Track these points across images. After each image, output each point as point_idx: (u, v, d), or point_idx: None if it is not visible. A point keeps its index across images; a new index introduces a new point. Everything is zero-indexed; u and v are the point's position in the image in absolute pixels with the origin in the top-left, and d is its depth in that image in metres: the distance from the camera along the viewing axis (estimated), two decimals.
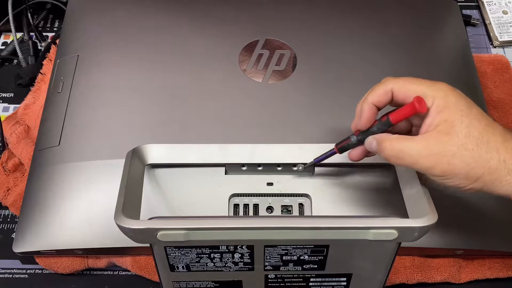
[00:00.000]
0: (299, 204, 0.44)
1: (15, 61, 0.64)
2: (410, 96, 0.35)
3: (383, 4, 0.57)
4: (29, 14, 0.66)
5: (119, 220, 0.33)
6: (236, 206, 0.44)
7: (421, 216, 0.34)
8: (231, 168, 0.45)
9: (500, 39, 0.66)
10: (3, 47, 0.65)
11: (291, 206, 0.44)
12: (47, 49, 0.63)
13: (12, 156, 0.53)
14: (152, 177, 0.44)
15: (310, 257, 0.37)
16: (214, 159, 0.43)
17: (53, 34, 0.67)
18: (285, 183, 0.44)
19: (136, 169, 0.41)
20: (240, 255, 0.36)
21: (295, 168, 0.44)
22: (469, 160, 0.33)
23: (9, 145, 0.54)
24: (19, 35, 0.64)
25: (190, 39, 0.53)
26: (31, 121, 0.55)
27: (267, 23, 0.55)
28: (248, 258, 0.36)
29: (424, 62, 0.53)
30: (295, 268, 0.38)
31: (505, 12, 0.69)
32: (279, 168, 0.45)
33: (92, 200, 0.44)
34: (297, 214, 0.44)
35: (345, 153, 0.40)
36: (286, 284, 0.40)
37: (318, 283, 0.40)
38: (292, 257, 0.37)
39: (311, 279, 0.39)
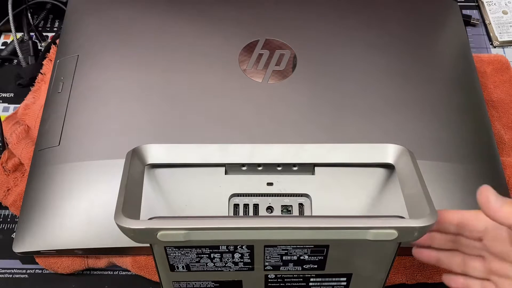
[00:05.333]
0: (299, 204, 0.44)
1: (15, 61, 0.64)
2: None
3: (383, 4, 0.57)
4: (29, 14, 0.66)
5: (119, 220, 0.33)
6: (236, 206, 0.44)
7: (421, 216, 0.34)
8: (231, 168, 0.45)
9: (500, 39, 0.66)
10: (3, 47, 0.65)
11: (291, 206, 0.44)
12: (47, 49, 0.63)
13: (12, 156, 0.53)
14: (152, 177, 0.44)
15: (310, 257, 0.37)
16: (214, 159, 0.43)
17: (53, 34, 0.67)
18: (285, 183, 0.44)
19: (136, 169, 0.41)
20: (240, 255, 0.36)
21: (295, 168, 0.44)
22: None
23: (9, 145, 0.54)
24: (19, 35, 0.64)
25: (190, 39, 0.53)
26: (31, 121, 0.55)
27: (267, 23, 0.55)
28: (248, 258, 0.36)
29: (424, 62, 0.53)
30: (295, 268, 0.38)
31: (505, 12, 0.69)
32: (279, 168, 0.45)
33: (92, 200, 0.44)
34: (297, 214, 0.44)
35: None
36: (286, 284, 0.40)
37: (318, 283, 0.40)
38: (292, 257, 0.37)
39: (311, 279, 0.39)
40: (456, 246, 0.39)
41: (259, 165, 0.44)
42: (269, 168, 0.45)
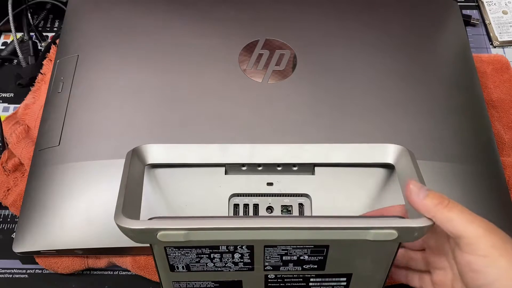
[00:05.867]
0: (299, 204, 0.44)
1: (15, 61, 0.64)
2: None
3: (382, 4, 0.57)
4: (29, 14, 0.66)
5: (119, 220, 0.33)
6: (236, 206, 0.44)
7: (420, 216, 0.34)
8: (231, 168, 0.45)
9: (500, 39, 0.66)
10: (3, 47, 0.65)
11: (291, 206, 0.44)
12: (47, 49, 0.63)
13: (12, 156, 0.53)
14: (152, 177, 0.44)
15: (310, 257, 0.37)
16: (214, 159, 0.43)
17: (53, 34, 0.67)
18: (285, 183, 0.44)
19: (136, 169, 0.41)
20: (240, 255, 0.36)
21: (295, 168, 0.44)
22: None
23: (9, 145, 0.54)
24: (19, 35, 0.64)
25: (190, 39, 0.53)
26: (31, 121, 0.55)
27: (267, 23, 0.55)
28: (248, 258, 0.36)
29: (424, 62, 0.53)
30: (295, 268, 0.38)
31: (505, 12, 0.69)
32: (279, 168, 0.45)
33: (92, 200, 0.44)
34: (297, 214, 0.44)
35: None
36: (286, 284, 0.40)
37: (318, 283, 0.40)
38: (292, 257, 0.37)
39: (311, 279, 0.39)
40: None
41: (259, 165, 0.44)
42: (269, 168, 0.45)
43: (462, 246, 0.33)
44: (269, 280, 0.39)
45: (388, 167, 0.44)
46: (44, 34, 0.67)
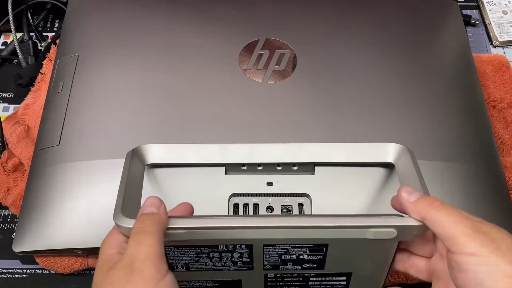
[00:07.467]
0: (299, 204, 0.44)
1: (15, 61, 0.64)
2: None
3: (383, 4, 0.57)
4: (29, 14, 0.67)
5: (118, 219, 0.33)
6: (236, 206, 0.44)
7: None
8: (231, 168, 0.45)
9: (500, 39, 0.66)
10: (3, 47, 0.65)
11: (291, 206, 0.44)
12: (47, 49, 0.63)
13: (12, 156, 0.53)
14: (152, 177, 0.44)
15: (309, 256, 0.37)
16: (214, 159, 0.43)
17: (53, 34, 0.67)
18: (285, 183, 0.44)
19: (136, 169, 0.41)
20: (239, 255, 0.36)
21: (295, 168, 0.44)
22: None
23: (9, 145, 0.54)
24: (19, 35, 0.64)
25: (190, 39, 0.53)
26: (31, 121, 0.55)
27: (267, 23, 0.55)
28: (247, 258, 0.36)
29: (424, 62, 0.53)
30: (294, 267, 0.38)
31: (505, 12, 0.69)
32: (279, 168, 0.45)
33: (92, 200, 0.44)
34: (297, 214, 0.44)
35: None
36: (286, 283, 0.40)
37: (318, 282, 0.40)
38: (291, 256, 0.37)
39: (311, 278, 0.39)
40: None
41: (259, 164, 0.44)
42: (269, 168, 0.45)
43: (451, 247, 0.32)
44: (268, 280, 0.39)
45: (388, 166, 0.45)
46: (44, 34, 0.67)
